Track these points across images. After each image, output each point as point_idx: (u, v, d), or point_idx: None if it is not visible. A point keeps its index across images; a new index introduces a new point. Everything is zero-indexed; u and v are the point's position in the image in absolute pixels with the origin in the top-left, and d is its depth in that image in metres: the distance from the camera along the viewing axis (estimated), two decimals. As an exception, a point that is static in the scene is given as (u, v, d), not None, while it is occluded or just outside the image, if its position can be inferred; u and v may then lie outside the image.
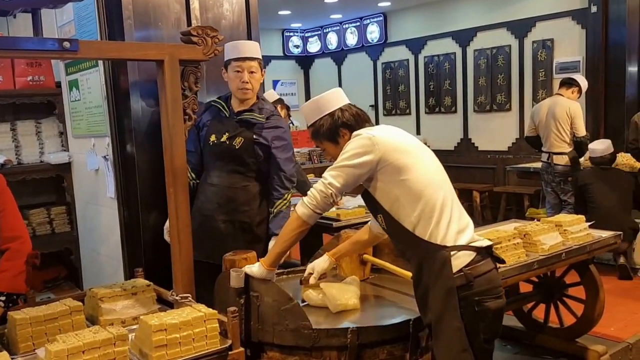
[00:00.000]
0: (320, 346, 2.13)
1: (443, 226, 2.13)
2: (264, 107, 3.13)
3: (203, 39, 2.20)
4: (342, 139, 2.35)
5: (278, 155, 3.07)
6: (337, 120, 2.35)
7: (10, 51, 1.85)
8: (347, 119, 2.35)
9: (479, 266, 2.11)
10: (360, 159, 2.17)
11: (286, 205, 3.08)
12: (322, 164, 7.24)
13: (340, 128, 2.34)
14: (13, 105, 4.13)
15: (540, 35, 7.93)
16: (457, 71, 9.04)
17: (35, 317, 2.02)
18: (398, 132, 2.34)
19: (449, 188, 2.25)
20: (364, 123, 2.37)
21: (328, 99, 2.42)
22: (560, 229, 3.34)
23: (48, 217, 4.30)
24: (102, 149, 3.54)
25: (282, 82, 11.56)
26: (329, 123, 2.36)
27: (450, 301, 2.06)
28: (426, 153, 2.31)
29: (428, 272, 2.12)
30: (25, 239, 2.59)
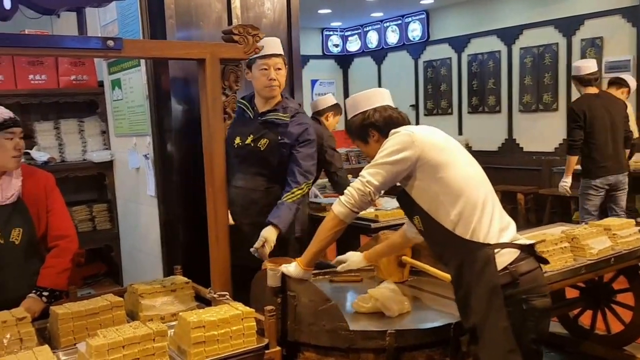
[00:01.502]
0: (357, 348, 2.11)
1: (485, 224, 2.08)
2: (288, 106, 3.07)
3: (244, 37, 2.20)
4: (371, 139, 2.34)
5: (299, 149, 3.01)
6: (366, 120, 2.33)
7: (55, 49, 1.88)
8: (377, 120, 2.32)
9: (524, 264, 2.05)
10: (399, 155, 2.14)
11: (293, 199, 2.96)
12: (360, 164, 7.20)
13: (369, 128, 2.33)
14: (57, 104, 4.24)
15: (588, 33, 7.70)
16: (501, 70, 8.84)
17: (77, 312, 2.06)
18: (437, 131, 2.29)
19: (489, 186, 2.20)
20: (395, 126, 2.31)
21: (367, 96, 2.39)
22: (609, 233, 3.23)
23: (90, 214, 4.39)
24: (143, 148, 3.59)
25: (320, 82, 11.55)
26: (359, 121, 2.34)
27: (495, 300, 2.00)
28: (464, 154, 2.26)
29: (470, 271, 2.07)
30: (72, 238, 2.65)
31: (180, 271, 2.62)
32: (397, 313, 2.32)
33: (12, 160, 2.44)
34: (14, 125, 2.43)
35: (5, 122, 2.40)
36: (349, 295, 2.67)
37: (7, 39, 1.72)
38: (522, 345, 2.01)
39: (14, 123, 2.44)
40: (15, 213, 2.46)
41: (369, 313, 2.37)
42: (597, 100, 5.20)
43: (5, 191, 2.45)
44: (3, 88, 3.92)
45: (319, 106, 4.73)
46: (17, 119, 2.47)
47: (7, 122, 2.41)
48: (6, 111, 2.45)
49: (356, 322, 2.30)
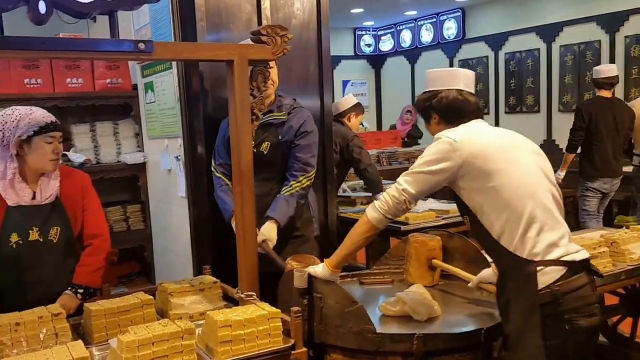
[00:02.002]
0: (385, 351, 2.09)
1: (530, 238, 1.99)
2: (282, 104, 3.04)
3: (273, 38, 2.20)
4: (432, 120, 2.28)
5: (295, 142, 2.98)
6: (429, 101, 2.26)
7: (88, 52, 1.91)
8: (439, 105, 2.24)
9: (570, 282, 1.95)
10: (438, 165, 2.08)
11: (290, 192, 2.94)
12: (392, 166, 7.15)
13: (430, 111, 2.27)
14: (93, 107, 4.33)
15: (633, 29, 7.50)
16: (540, 68, 8.68)
17: (109, 309, 2.10)
18: (487, 133, 2.19)
19: (542, 195, 2.07)
20: (459, 118, 2.21)
21: (440, 75, 2.30)
22: (654, 239, 3.13)
23: (124, 214, 4.46)
24: (174, 150, 3.63)
25: (352, 83, 11.53)
26: (424, 100, 2.29)
27: (532, 318, 1.94)
28: (522, 155, 2.14)
29: (511, 284, 2.02)
30: (106, 237, 2.71)
31: (209, 271, 2.65)
32: (426, 317, 2.29)
33: (50, 164, 2.49)
34: (54, 129, 2.48)
35: (46, 126, 2.45)
36: (379, 297, 2.65)
37: (42, 43, 1.77)
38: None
39: (55, 127, 2.48)
40: (53, 212, 2.52)
41: (398, 316, 2.35)
42: (605, 105, 5.30)
43: (44, 192, 2.51)
44: (42, 91, 4.01)
45: (340, 108, 4.73)
46: (58, 123, 2.52)
47: (48, 126, 2.45)
48: (48, 115, 2.50)
49: (385, 324, 2.29)
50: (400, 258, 2.88)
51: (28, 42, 1.76)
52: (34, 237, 2.47)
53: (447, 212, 4.08)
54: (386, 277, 2.85)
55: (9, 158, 2.44)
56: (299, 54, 3.49)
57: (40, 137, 2.44)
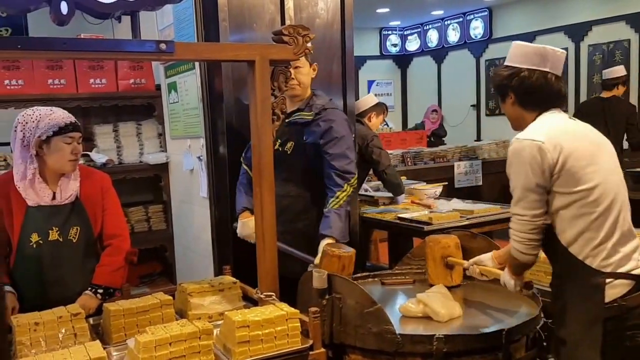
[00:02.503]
0: (404, 352, 2.07)
1: (606, 249, 1.91)
2: (314, 103, 2.96)
3: (294, 38, 2.19)
4: (508, 99, 2.11)
5: (328, 150, 2.87)
6: (511, 79, 2.07)
7: (109, 53, 1.92)
8: (519, 85, 2.06)
9: (637, 296, 1.88)
10: (536, 177, 1.93)
11: (339, 204, 2.83)
12: (417, 166, 7.07)
13: (508, 90, 2.10)
14: (116, 107, 4.37)
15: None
16: (569, 68, 8.56)
17: (128, 309, 2.10)
18: (573, 130, 2.02)
19: (623, 203, 1.98)
20: (538, 104, 2.06)
21: (526, 52, 2.08)
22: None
23: (146, 215, 4.50)
24: (197, 150, 3.65)
25: (377, 83, 11.50)
26: (504, 76, 2.11)
27: (592, 331, 1.87)
28: (604, 156, 2.00)
29: (573, 291, 1.94)
30: (125, 237, 2.72)
31: (230, 271, 2.65)
32: (447, 318, 2.26)
33: (68, 164, 2.50)
34: (73, 130, 2.49)
35: (65, 127, 2.46)
36: (400, 298, 2.63)
37: (63, 43, 1.78)
38: None
39: (74, 128, 2.50)
40: (73, 213, 2.54)
41: (419, 317, 2.32)
42: (599, 104, 5.49)
43: (64, 192, 2.53)
44: (65, 92, 4.06)
45: (361, 107, 4.68)
46: (77, 124, 2.53)
47: (67, 127, 2.46)
48: (67, 115, 2.51)
49: (405, 325, 2.27)
50: (422, 258, 2.84)
51: (50, 43, 1.77)
52: (53, 237, 2.49)
53: (471, 213, 4.02)
54: (408, 278, 2.82)
55: (29, 158, 2.46)
56: (323, 54, 3.48)
57: (60, 137, 2.45)
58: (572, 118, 2.12)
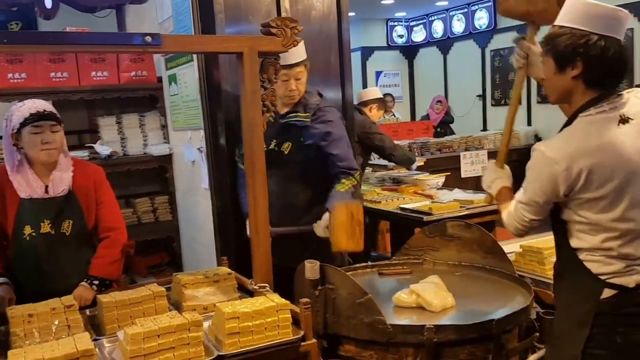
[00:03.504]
0: (396, 342, 2.07)
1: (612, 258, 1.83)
2: (308, 103, 2.98)
3: (282, 30, 2.19)
4: (569, 70, 1.79)
5: (331, 152, 2.92)
6: (583, 45, 1.74)
7: (96, 46, 1.94)
8: (596, 54, 1.74)
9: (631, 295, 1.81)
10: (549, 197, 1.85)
11: (344, 188, 2.87)
12: (423, 157, 7.03)
13: (579, 59, 1.76)
14: (118, 100, 4.39)
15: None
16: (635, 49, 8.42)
17: (120, 301, 2.11)
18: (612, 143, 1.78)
19: None
20: (611, 83, 1.81)
21: (605, 13, 1.75)
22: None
23: (152, 206, 4.53)
24: (197, 141, 3.66)
25: (385, 73, 11.47)
26: (571, 42, 1.77)
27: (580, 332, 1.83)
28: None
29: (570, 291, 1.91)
30: (122, 230, 2.73)
31: (227, 262, 2.66)
32: (440, 308, 2.26)
33: (41, 154, 2.47)
34: (39, 119, 2.44)
35: (30, 117, 2.42)
36: (397, 288, 2.62)
37: (50, 37, 1.79)
38: None
39: (40, 117, 2.44)
40: (66, 206, 2.55)
41: (412, 307, 2.32)
42: None
43: (56, 186, 2.54)
44: (68, 84, 4.08)
45: (364, 97, 4.76)
46: (46, 113, 2.47)
47: (32, 117, 2.43)
48: (37, 105, 2.47)
49: (399, 315, 2.28)
50: (419, 248, 2.85)
51: (36, 37, 1.79)
52: (45, 229, 2.50)
53: (471, 203, 4.02)
54: (405, 268, 2.82)
55: (14, 151, 2.48)
56: (320, 45, 3.47)
57: (27, 128, 2.43)
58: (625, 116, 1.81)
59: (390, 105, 8.78)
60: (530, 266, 2.71)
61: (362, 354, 2.15)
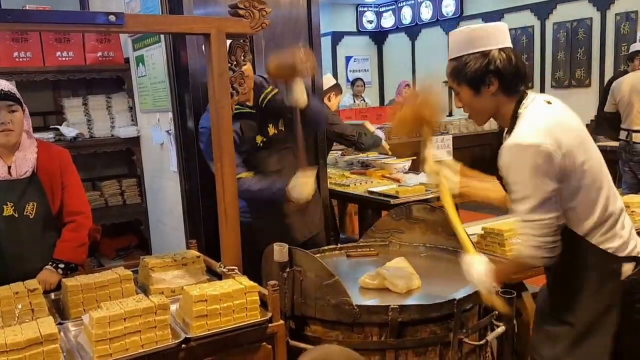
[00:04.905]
0: (362, 322, 2.11)
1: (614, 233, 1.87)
2: (259, 80, 2.94)
3: (250, 12, 2.17)
4: (486, 89, 1.89)
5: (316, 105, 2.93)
6: (490, 64, 1.86)
7: (58, 24, 1.89)
8: (504, 66, 1.86)
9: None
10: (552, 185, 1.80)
11: None
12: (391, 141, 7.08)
13: (491, 75, 1.87)
14: (85, 81, 4.31)
15: (623, 7, 7.54)
16: (534, 45, 8.74)
17: (86, 284, 2.09)
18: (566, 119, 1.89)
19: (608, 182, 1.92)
20: (520, 82, 1.91)
21: (488, 32, 1.89)
22: (628, 210, 3.11)
23: (119, 188, 4.49)
24: (165, 124, 3.63)
25: (354, 58, 11.47)
26: (479, 64, 1.87)
27: (608, 317, 1.84)
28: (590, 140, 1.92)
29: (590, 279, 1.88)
30: (88, 215, 2.69)
31: (195, 245, 2.66)
32: (405, 290, 2.31)
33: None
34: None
35: None
36: (364, 269, 2.65)
37: (8, 15, 1.75)
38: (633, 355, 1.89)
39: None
40: (30, 188, 2.50)
41: (378, 289, 2.36)
42: (627, 78, 5.66)
43: (19, 168, 2.49)
44: (32, 65, 3.99)
45: None
46: (2, 92, 2.40)
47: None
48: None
49: (365, 296, 2.32)
50: (385, 231, 2.89)
51: (-4, 15, 1.74)
52: (8, 212, 2.45)
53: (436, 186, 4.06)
54: (372, 250, 2.86)
55: None
56: (289, 30, 3.45)
57: None
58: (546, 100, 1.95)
59: (361, 89, 8.78)
60: (492, 247, 2.78)
61: (328, 334, 2.18)
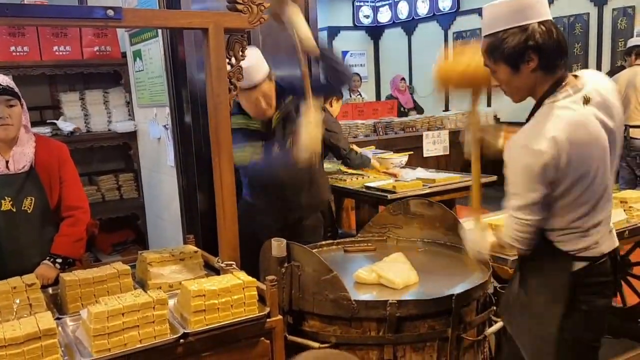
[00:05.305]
0: (360, 317, 2.12)
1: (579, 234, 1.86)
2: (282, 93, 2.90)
3: (249, 6, 2.17)
4: (525, 66, 1.78)
5: None
6: (530, 39, 1.74)
7: (56, 19, 1.88)
8: (544, 41, 1.74)
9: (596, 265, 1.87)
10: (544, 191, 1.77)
11: None
12: (388, 135, 7.09)
13: (530, 51, 1.76)
14: (82, 75, 4.31)
15: (621, 2, 7.50)
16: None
17: (84, 279, 2.08)
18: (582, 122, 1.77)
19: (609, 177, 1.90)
20: (560, 58, 1.80)
21: (527, 4, 1.75)
22: (625, 205, 3.15)
23: (116, 183, 4.49)
24: (162, 119, 3.63)
25: (351, 53, 11.44)
26: (518, 40, 1.75)
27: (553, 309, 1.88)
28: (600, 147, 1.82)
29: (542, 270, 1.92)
30: (86, 209, 2.68)
31: (193, 240, 2.65)
32: (402, 286, 2.31)
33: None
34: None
35: None
36: (361, 264, 2.66)
37: (7, 9, 1.74)
38: (580, 345, 1.92)
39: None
40: (27, 182, 2.49)
41: (375, 284, 2.37)
42: (623, 74, 5.70)
43: (17, 162, 2.48)
44: (29, 59, 3.98)
45: None
46: (1, 87, 2.39)
47: None
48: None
49: (363, 291, 2.32)
50: (383, 226, 2.90)
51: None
52: (6, 207, 2.44)
53: (434, 181, 4.09)
54: (369, 245, 2.87)
55: None
56: (287, 25, 3.43)
57: None
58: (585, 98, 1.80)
59: (357, 84, 8.76)
60: (491, 242, 2.78)
61: (326, 329, 2.20)
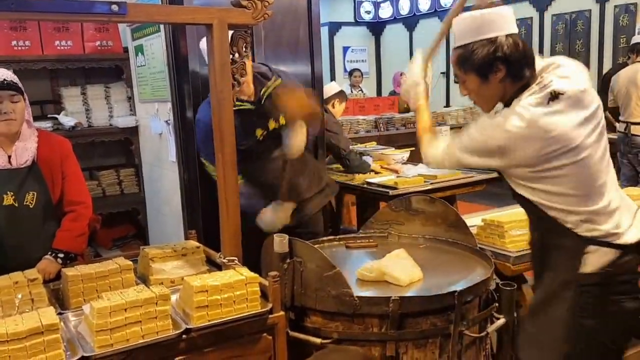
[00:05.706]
0: (362, 314, 2.11)
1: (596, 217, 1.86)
2: (261, 72, 2.90)
3: (253, 2, 2.16)
4: (493, 76, 1.88)
5: None
6: (498, 51, 1.84)
7: (60, 14, 1.88)
8: (511, 52, 1.84)
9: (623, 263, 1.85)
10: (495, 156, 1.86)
11: None
12: (389, 131, 7.10)
13: (498, 62, 1.85)
14: (83, 70, 4.30)
15: (622, -1, 7.50)
16: (533, 37, 8.71)
17: (86, 274, 2.08)
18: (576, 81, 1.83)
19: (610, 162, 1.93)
20: (527, 67, 1.88)
21: (495, 18, 1.87)
22: (627, 203, 3.13)
23: (117, 178, 4.49)
24: (164, 114, 3.63)
25: (352, 49, 11.45)
26: (486, 51, 1.85)
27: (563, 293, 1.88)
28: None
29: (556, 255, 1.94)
30: (88, 205, 2.68)
31: (195, 235, 2.65)
32: (407, 282, 2.30)
33: (1, 125, 2.40)
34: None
35: None
36: (363, 261, 2.66)
37: (12, 3, 1.73)
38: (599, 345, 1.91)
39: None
40: (30, 177, 2.49)
41: (377, 281, 2.36)
42: (623, 72, 5.69)
43: (19, 157, 2.48)
44: (30, 53, 3.98)
45: (324, 95, 4.67)
46: (5, 82, 2.39)
47: None
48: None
49: (365, 288, 2.32)
50: (385, 222, 2.90)
51: (-2, 4, 1.73)
52: (8, 202, 2.44)
53: (435, 178, 4.10)
54: (371, 241, 2.86)
55: None
56: (289, 19, 3.45)
57: None
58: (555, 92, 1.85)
59: (358, 80, 8.76)
60: (491, 239, 2.79)
61: (328, 325, 2.19)
